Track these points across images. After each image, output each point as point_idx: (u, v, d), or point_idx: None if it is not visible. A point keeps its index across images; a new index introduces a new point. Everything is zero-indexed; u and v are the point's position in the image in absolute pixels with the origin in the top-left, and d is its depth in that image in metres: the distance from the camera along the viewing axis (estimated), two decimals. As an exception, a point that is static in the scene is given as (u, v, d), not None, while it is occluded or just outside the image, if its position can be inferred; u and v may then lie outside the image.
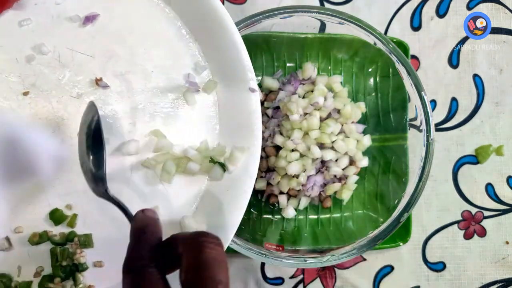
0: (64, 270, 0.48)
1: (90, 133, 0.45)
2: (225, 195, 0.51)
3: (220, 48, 0.50)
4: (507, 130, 0.66)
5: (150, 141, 0.50)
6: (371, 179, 0.62)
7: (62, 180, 0.49)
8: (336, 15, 0.55)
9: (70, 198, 0.49)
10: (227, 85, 0.51)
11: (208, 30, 0.50)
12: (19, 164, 0.48)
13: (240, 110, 0.51)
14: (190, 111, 0.51)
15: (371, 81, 0.62)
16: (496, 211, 0.65)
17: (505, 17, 0.66)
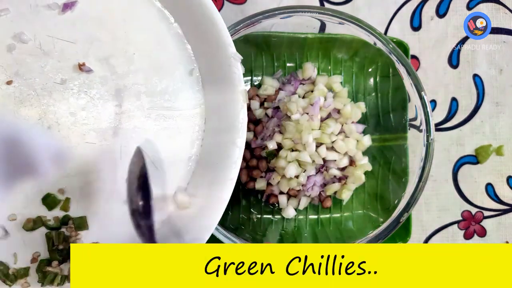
0: (61, 253, 0.49)
1: (140, 178, 0.46)
2: (216, 169, 0.51)
3: (200, 25, 0.51)
4: (507, 130, 0.66)
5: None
6: (371, 179, 0.62)
7: (52, 166, 0.49)
8: (336, 15, 0.55)
9: (62, 183, 0.49)
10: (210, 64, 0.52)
11: (188, 10, 0.50)
12: (9, 155, 0.48)
13: (226, 101, 0.51)
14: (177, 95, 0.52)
15: (371, 81, 0.62)
16: (496, 211, 0.65)
17: (505, 17, 0.66)
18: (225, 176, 0.50)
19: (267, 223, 0.61)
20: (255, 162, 0.60)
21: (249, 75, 0.62)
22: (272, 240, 0.59)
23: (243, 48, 0.59)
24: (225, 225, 0.56)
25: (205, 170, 0.52)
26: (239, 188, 0.62)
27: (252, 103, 0.60)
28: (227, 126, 0.51)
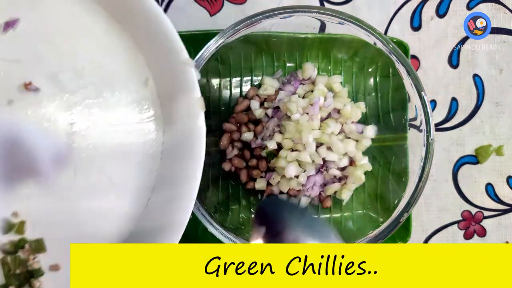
0: (18, 278, 0.47)
1: None
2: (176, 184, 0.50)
3: (150, 32, 0.50)
4: (507, 130, 0.66)
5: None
6: (371, 179, 0.62)
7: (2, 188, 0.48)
8: (336, 15, 0.55)
9: (15, 205, 0.48)
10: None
11: (136, 17, 0.49)
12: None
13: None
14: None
15: (371, 81, 0.62)
16: (496, 211, 0.65)
17: (505, 17, 0.66)
18: (184, 191, 0.49)
19: (267, 223, 0.61)
20: (255, 162, 0.60)
21: (249, 75, 0.62)
22: (272, 240, 0.59)
23: (243, 48, 0.59)
24: (225, 225, 0.56)
25: (164, 186, 0.51)
26: (239, 188, 0.62)
27: (252, 103, 0.60)
28: (185, 135, 0.50)
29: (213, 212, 0.57)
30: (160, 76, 0.51)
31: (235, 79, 0.62)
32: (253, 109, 0.60)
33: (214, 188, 0.61)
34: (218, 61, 0.59)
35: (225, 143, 0.60)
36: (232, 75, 0.62)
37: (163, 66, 0.50)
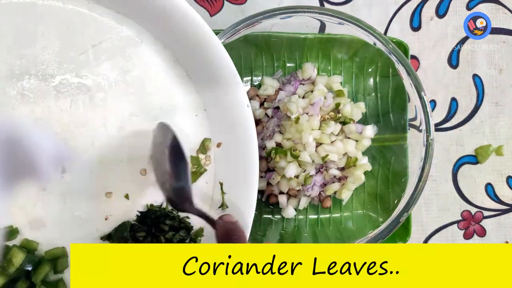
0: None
1: (171, 152, 0.46)
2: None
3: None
4: (506, 130, 0.66)
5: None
6: (371, 179, 0.62)
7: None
8: (336, 15, 0.55)
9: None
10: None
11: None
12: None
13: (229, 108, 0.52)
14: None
15: (371, 81, 0.63)
16: (495, 211, 0.65)
17: (505, 17, 0.66)
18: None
19: (267, 223, 0.61)
20: (255, 162, 0.60)
21: (249, 75, 0.62)
22: (272, 240, 0.59)
23: (243, 48, 0.59)
24: (225, 225, 0.56)
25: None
26: (239, 188, 0.62)
27: (252, 103, 0.60)
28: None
29: (213, 212, 0.57)
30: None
31: (235, 79, 0.62)
32: (253, 109, 0.60)
33: (214, 188, 0.61)
34: (218, 61, 0.59)
35: (225, 143, 0.60)
36: (232, 75, 0.62)
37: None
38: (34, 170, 0.48)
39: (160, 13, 0.48)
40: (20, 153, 0.48)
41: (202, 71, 0.51)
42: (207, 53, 0.49)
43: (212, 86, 0.51)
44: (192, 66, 0.51)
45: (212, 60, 0.50)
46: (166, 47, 0.51)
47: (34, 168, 0.48)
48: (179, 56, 0.51)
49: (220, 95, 0.51)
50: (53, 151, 0.49)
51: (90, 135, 0.50)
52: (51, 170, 0.49)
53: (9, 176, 0.48)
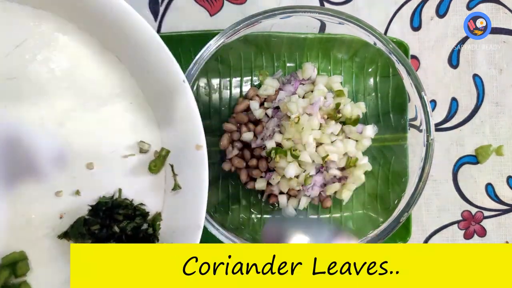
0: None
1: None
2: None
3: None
4: (507, 130, 0.66)
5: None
6: (371, 179, 0.62)
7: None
8: (336, 15, 0.55)
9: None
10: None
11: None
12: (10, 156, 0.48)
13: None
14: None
15: (371, 81, 0.63)
16: (496, 211, 0.65)
17: (505, 17, 0.66)
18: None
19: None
20: (255, 162, 0.60)
21: (249, 75, 0.62)
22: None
23: (243, 48, 0.59)
24: (225, 225, 0.56)
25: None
26: (239, 188, 0.62)
27: (252, 103, 0.61)
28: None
29: (213, 212, 0.57)
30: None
31: (235, 79, 0.62)
32: (253, 109, 0.60)
33: (214, 188, 0.61)
34: (218, 61, 0.59)
35: (225, 143, 0.60)
36: (232, 75, 0.62)
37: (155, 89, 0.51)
38: (33, 169, 0.48)
39: (77, 1, 0.47)
40: (19, 152, 0.48)
41: (134, 54, 0.50)
42: (133, 33, 0.48)
43: (146, 68, 0.50)
44: (122, 49, 0.50)
45: (140, 41, 0.49)
46: (92, 35, 0.50)
47: (33, 167, 0.48)
48: (107, 42, 0.50)
49: (156, 75, 0.50)
50: (52, 150, 0.49)
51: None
52: (50, 169, 0.49)
53: (8, 175, 0.48)
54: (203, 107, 0.61)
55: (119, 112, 0.51)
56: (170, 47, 0.51)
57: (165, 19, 0.64)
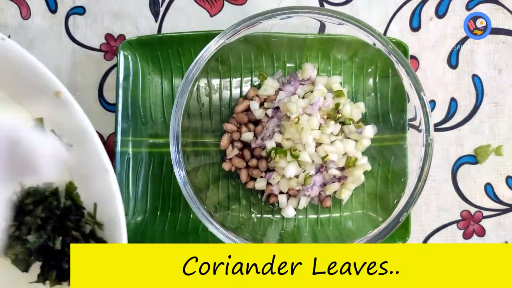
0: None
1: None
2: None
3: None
4: (506, 130, 0.66)
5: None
6: (371, 179, 0.62)
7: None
8: (336, 15, 0.55)
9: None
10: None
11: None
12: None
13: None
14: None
15: (371, 82, 0.63)
16: (495, 211, 0.66)
17: (504, 17, 0.66)
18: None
19: (267, 223, 0.61)
20: (255, 162, 0.60)
21: (249, 75, 0.63)
22: (272, 239, 0.59)
23: (243, 48, 0.59)
24: (225, 224, 0.56)
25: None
26: (239, 188, 0.62)
27: (252, 104, 0.61)
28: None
29: (213, 211, 0.57)
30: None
31: (235, 80, 0.62)
32: (253, 110, 0.61)
33: (214, 188, 0.61)
34: (218, 61, 0.60)
35: (225, 143, 0.61)
36: (232, 75, 0.62)
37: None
38: (33, 168, 0.49)
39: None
40: (19, 152, 0.48)
41: (19, 87, 0.48)
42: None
43: (37, 96, 0.48)
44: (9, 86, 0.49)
45: (22, 71, 0.47)
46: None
47: (33, 167, 0.49)
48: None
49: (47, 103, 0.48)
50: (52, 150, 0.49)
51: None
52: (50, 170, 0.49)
53: (8, 175, 0.48)
54: (203, 107, 0.61)
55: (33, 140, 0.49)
56: (171, 47, 0.51)
57: (166, 20, 0.64)
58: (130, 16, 0.64)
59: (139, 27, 0.64)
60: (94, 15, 0.64)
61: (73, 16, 0.64)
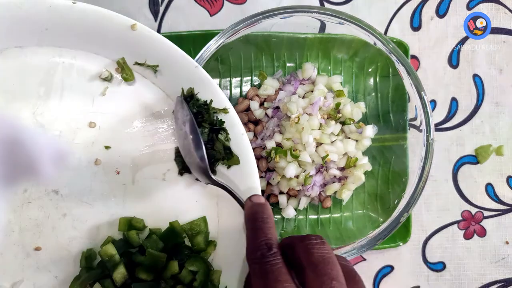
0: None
1: (190, 128, 0.48)
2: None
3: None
4: (507, 130, 0.66)
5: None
6: (371, 179, 0.62)
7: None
8: (336, 15, 0.55)
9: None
10: None
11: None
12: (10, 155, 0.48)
13: None
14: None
15: (371, 81, 0.62)
16: (496, 211, 0.65)
17: (505, 17, 0.66)
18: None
19: (267, 223, 0.61)
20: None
21: (249, 75, 0.62)
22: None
23: (243, 48, 0.59)
24: (225, 225, 0.56)
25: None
26: (239, 188, 0.62)
27: (252, 103, 0.60)
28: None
29: (213, 212, 0.57)
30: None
31: (235, 79, 0.62)
32: (253, 109, 0.60)
33: (214, 188, 0.61)
34: (218, 61, 0.59)
35: (225, 143, 0.60)
36: (232, 75, 0.62)
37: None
38: (33, 168, 0.48)
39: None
40: (20, 151, 0.48)
41: (96, 40, 0.50)
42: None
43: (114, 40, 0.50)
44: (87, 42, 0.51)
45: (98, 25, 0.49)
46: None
47: (33, 167, 0.48)
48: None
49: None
50: (53, 150, 0.49)
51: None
52: (50, 169, 0.49)
53: (8, 175, 0.48)
54: (203, 107, 0.61)
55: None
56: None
57: (165, 19, 0.64)
58: (129, 16, 0.63)
59: (139, 26, 0.64)
60: (94, 15, 0.64)
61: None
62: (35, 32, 0.48)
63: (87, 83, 0.51)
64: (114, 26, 0.49)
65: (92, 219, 0.50)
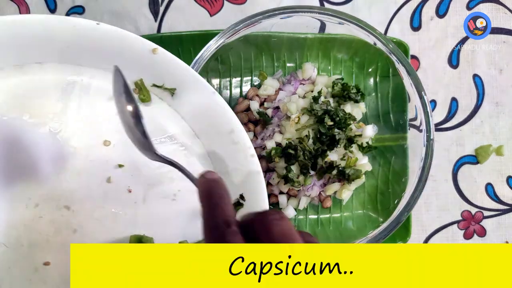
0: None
1: (125, 100, 0.44)
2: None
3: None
4: (506, 130, 0.66)
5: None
6: (371, 179, 0.62)
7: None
8: (336, 15, 0.55)
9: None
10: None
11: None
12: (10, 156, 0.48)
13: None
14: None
15: (371, 81, 0.62)
16: (496, 211, 0.65)
17: (505, 17, 0.66)
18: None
19: (267, 223, 0.61)
20: (255, 162, 0.60)
21: (249, 75, 0.62)
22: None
23: (243, 48, 0.59)
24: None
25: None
26: (239, 188, 0.62)
27: (252, 103, 0.60)
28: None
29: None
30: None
31: (235, 79, 0.62)
32: (253, 109, 0.60)
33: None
34: (218, 61, 0.59)
35: (225, 143, 0.60)
36: (232, 75, 0.62)
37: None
38: (33, 169, 0.48)
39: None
40: (20, 152, 0.48)
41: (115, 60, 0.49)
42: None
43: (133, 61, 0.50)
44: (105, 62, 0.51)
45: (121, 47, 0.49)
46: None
47: (34, 168, 0.48)
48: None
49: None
50: (53, 151, 0.49)
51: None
52: (50, 169, 0.49)
53: (9, 175, 0.48)
54: (203, 107, 0.61)
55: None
56: (170, 47, 0.51)
57: (165, 19, 0.64)
58: (129, 16, 0.64)
59: (139, 26, 0.64)
60: (94, 15, 0.64)
61: (73, 15, 0.64)
62: (56, 49, 0.48)
63: (104, 102, 0.50)
64: (135, 48, 0.48)
65: (102, 236, 0.49)
